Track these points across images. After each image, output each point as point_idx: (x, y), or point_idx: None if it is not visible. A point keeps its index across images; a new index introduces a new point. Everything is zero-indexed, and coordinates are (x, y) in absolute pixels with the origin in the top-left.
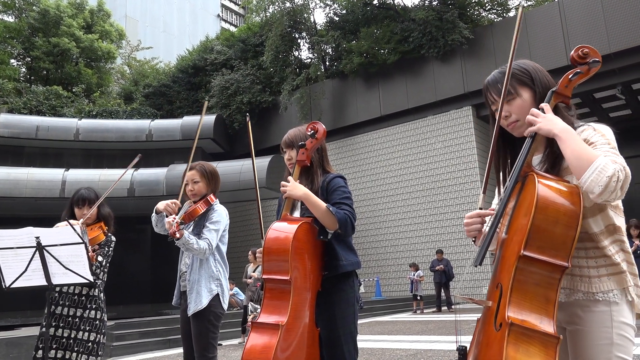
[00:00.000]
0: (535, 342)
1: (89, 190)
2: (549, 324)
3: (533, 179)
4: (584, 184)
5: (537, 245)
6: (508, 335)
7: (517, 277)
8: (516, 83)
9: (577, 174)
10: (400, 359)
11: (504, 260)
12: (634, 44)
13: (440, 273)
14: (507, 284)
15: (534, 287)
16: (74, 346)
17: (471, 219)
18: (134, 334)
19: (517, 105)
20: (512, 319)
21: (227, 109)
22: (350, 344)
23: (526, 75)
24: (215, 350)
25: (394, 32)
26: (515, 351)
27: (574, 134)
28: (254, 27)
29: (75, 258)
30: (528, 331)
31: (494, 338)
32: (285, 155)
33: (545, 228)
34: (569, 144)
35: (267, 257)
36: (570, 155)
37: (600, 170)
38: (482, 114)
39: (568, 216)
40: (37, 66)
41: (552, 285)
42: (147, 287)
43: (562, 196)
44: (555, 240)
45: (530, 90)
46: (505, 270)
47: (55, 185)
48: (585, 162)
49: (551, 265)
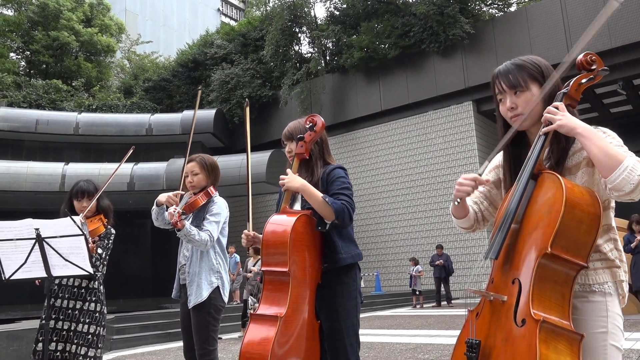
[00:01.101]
0: (562, 339)
1: (88, 182)
2: (568, 321)
3: (556, 178)
4: (612, 182)
5: (562, 244)
6: (539, 332)
7: (538, 274)
8: (527, 77)
9: (606, 172)
10: (400, 353)
11: (519, 256)
12: (635, 39)
13: (440, 268)
14: (527, 280)
15: (552, 284)
16: (73, 338)
17: (466, 180)
18: (134, 327)
19: (524, 98)
20: (543, 317)
21: (227, 104)
22: (352, 337)
23: (537, 70)
24: (216, 342)
25: (394, 27)
26: (547, 349)
27: (596, 132)
28: (254, 21)
29: (75, 250)
30: (557, 328)
31: (517, 334)
32: (286, 148)
33: (571, 228)
34: (595, 142)
35: (265, 249)
36: (598, 152)
37: (632, 169)
38: (483, 109)
39: (591, 218)
40: (36, 60)
41: (568, 282)
42: (148, 281)
43: (585, 198)
44: (578, 240)
45: (539, 86)
46: (523, 265)
47: (55, 179)
48: (615, 161)
49: (572, 263)
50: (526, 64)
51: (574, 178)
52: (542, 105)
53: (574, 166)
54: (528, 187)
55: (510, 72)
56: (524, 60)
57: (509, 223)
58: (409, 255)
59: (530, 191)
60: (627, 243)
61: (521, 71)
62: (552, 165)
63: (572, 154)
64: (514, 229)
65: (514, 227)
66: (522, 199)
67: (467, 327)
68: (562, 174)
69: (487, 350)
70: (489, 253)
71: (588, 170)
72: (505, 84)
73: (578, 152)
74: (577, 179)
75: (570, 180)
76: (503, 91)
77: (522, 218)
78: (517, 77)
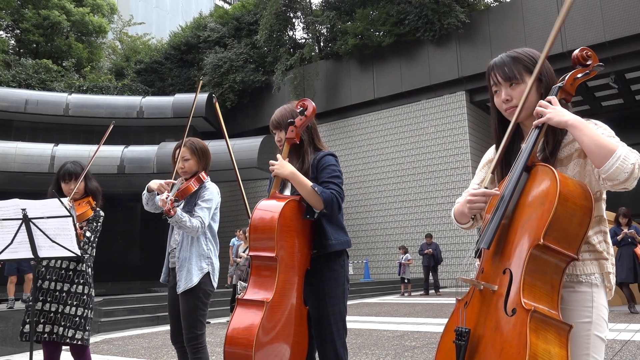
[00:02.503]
0: (551, 329)
1: (75, 164)
2: (557, 312)
3: (549, 171)
4: (606, 171)
5: (554, 236)
6: (530, 322)
7: (529, 264)
8: (522, 69)
9: (598, 162)
10: (387, 340)
11: (511, 246)
12: (628, 32)
13: (429, 257)
14: (518, 270)
15: (543, 274)
16: (61, 320)
17: (476, 197)
18: (123, 310)
19: (520, 91)
20: (534, 306)
21: (220, 88)
22: (339, 323)
23: (533, 63)
24: (204, 327)
25: (389, 14)
26: (536, 338)
27: (587, 123)
28: (248, 5)
29: (62, 231)
30: (547, 318)
31: (507, 323)
32: (276, 137)
33: (564, 220)
34: (586, 132)
35: (253, 234)
36: (590, 142)
37: (625, 158)
38: (476, 99)
39: (583, 211)
40: (26, 39)
41: (558, 273)
42: (137, 264)
43: (578, 191)
44: (570, 232)
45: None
46: (514, 256)
47: (44, 160)
48: (608, 151)
49: (563, 255)
50: (521, 56)
51: (566, 169)
52: (537, 97)
53: (565, 157)
54: (521, 179)
55: (505, 65)
56: (519, 52)
57: (501, 214)
58: (398, 243)
59: (523, 183)
60: (614, 235)
61: (516, 63)
62: (546, 156)
63: (564, 145)
64: (506, 220)
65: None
66: (514, 190)
67: (455, 316)
68: (554, 165)
69: (476, 338)
70: (481, 243)
71: (580, 161)
72: (501, 76)
73: (570, 144)
74: (568, 171)
75: (562, 171)
76: (498, 83)
77: (514, 209)
78: (513, 69)
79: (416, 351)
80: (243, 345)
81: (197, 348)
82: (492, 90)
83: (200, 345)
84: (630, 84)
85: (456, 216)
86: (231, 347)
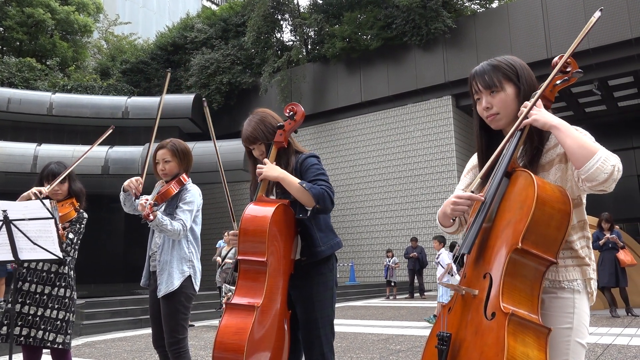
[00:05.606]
0: (530, 332)
1: (59, 164)
2: (537, 315)
3: (528, 176)
4: (586, 172)
5: (533, 240)
6: (508, 325)
7: (508, 268)
8: (502, 77)
9: (579, 162)
10: (372, 343)
11: (491, 251)
12: (612, 40)
13: (414, 260)
14: (497, 274)
15: (522, 278)
16: (40, 324)
17: (461, 199)
18: (105, 312)
19: (500, 98)
20: (512, 310)
21: (207, 89)
22: (327, 327)
23: (512, 71)
24: (186, 331)
25: (377, 18)
26: (514, 341)
27: (570, 126)
28: (236, 6)
29: (44, 234)
30: (525, 322)
31: (486, 327)
32: (255, 151)
33: (542, 224)
34: (569, 134)
35: (243, 237)
36: (572, 143)
37: (605, 159)
38: (462, 104)
39: (561, 215)
40: (9, 36)
41: (538, 278)
42: (120, 266)
43: (557, 195)
44: (548, 236)
45: (514, 86)
46: (494, 260)
47: (26, 160)
48: (589, 152)
49: (542, 259)
50: (501, 64)
51: (547, 175)
52: (517, 104)
53: (547, 163)
54: (502, 184)
55: (485, 73)
56: (499, 60)
57: (482, 219)
58: (383, 246)
59: (504, 188)
60: (596, 240)
61: (496, 72)
62: (526, 164)
63: (546, 151)
64: (487, 225)
65: (487, 223)
66: (495, 195)
67: (439, 321)
68: (535, 171)
69: (458, 342)
70: (462, 248)
71: (561, 166)
72: (481, 84)
73: (552, 149)
74: (550, 176)
75: (544, 177)
76: (479, 91)
77: (495, 214)
78: (492, 77)
79: (401, 355)
80: (233, 351)
81: (179, 352)
82: (474, 98)
83: (183, 350)
84: (613, 91)
85: (440, 218)
86: (220, 352)
